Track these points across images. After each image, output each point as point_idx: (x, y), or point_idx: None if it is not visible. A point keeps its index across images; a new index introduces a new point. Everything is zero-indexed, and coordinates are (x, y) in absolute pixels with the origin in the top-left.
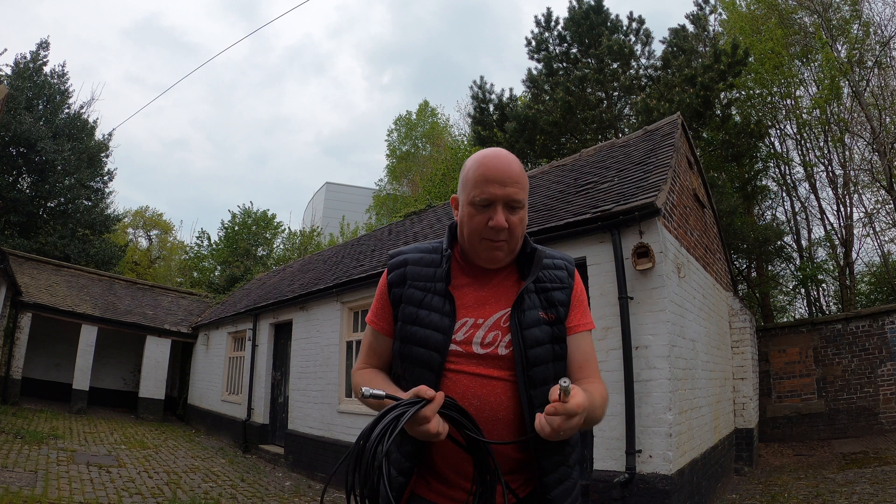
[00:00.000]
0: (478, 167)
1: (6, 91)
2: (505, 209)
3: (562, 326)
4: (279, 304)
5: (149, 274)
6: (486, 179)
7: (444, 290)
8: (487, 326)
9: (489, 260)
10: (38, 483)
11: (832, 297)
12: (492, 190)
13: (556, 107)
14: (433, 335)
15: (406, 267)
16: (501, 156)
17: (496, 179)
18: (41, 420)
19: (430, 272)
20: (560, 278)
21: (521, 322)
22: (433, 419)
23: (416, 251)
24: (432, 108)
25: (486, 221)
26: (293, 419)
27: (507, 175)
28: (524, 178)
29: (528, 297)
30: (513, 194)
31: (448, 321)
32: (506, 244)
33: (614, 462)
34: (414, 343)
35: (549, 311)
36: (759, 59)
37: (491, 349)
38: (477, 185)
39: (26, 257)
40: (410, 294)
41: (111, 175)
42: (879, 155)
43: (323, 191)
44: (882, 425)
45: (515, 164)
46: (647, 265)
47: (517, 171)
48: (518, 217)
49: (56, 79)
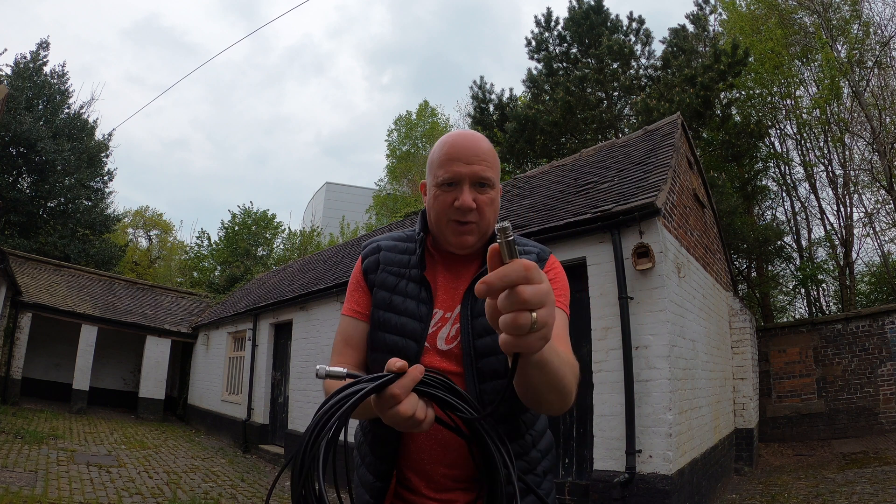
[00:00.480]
0: (442, 147)
1: (6, 91)
2: (472, 188)
3: None
4: (279, 304)
5: (149, 274)
6: (450, 158)
7: (419, 276)
8: (453, 320)
9: (458, 245)
10: (38, 483)
11: (832, 297)
12: (456, 168)
13: (556, 107)
14: (409, 323)
15: (379, 253)
16: (467, 134)
17: (461, 157)
18: (41, 420)
19: (404, 258)
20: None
21: (472, 310)
22: (406, 399)
23: (389, 238)
24: (432, 108)
25: (452, 202)
26: (293, 419)
27: (472, 152)
28: (493, 156)
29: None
30: (479, 172)
31: (425, 309)
32: (475, 226)
33: (614, 462)
34: (387, 331)
35: None
36: (759, 59)
37: (453, 344)
38: (442, 165)
39: (26, 257)
40: (384, 279)
41: (111, 175)
42: (879, 155)
43: (323, 191)
44: (882, 425)
45: (483, 142)
46: (647, 265)
47: (484, 148)
48: (488, 197)
49: (56, 79)
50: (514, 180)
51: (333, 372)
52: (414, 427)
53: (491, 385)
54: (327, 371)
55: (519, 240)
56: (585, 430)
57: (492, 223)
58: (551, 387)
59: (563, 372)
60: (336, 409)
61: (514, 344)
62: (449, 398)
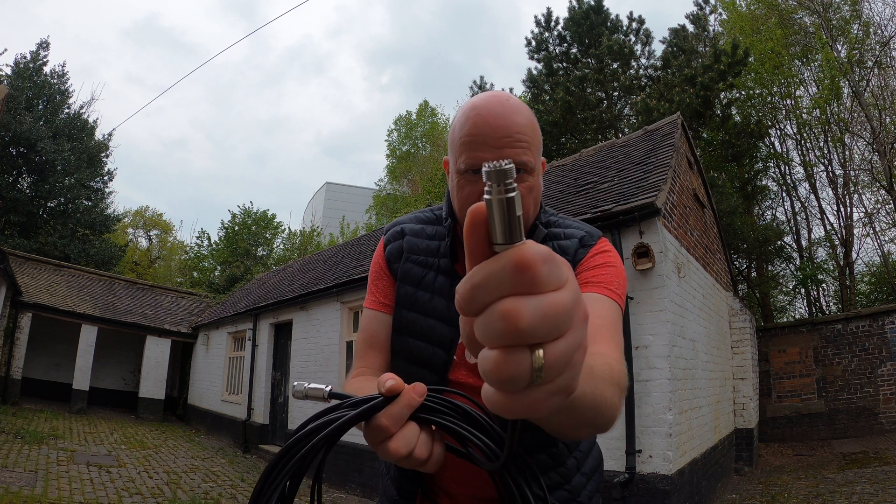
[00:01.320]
0: (465, 122)
1: (6, 91)
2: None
3: None
4: (279, 304)
5: (149, 274)
6: (474, 140)
7: (450, 267)
8: None
9: None
10: (38, 483)
11: (832, 297)
12: (483, 155)
13: (557, 107)
14: (437, 326)
15: (403, 238)
16: (495, 105)
17: (487, 141)
18: (41, 420)
19: (432, 245)
20: (564, 249)
21: None
22: (399, 432)
23: (414, 220)
24: (432, 108)
25: (480, 194)
26: (293, 419)
27: (502, 132)
28: (529, 132)
29: None
30: (512, 157)
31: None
32: None
33: (614, 462)
34: (411, 334)
35: None
36: (759, 59)
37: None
38: (464, 148)
39: (26, 257)
40: (408, 269)
41: (111, 175)
42: (879, 155)
43: (323, 191)
44: (882, 425)
45: (517, 115)
46: (647, 265)
47: (518, 123)
48: (526, 185)
49: (56, 79)
50: None
51: (313, 391)
52: (415, 467)
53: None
54: (306, 390)
55: (567, 220)
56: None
57: (531, 213)
58: (585, 422)
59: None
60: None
61: (504, 406)
62: (464, 430)
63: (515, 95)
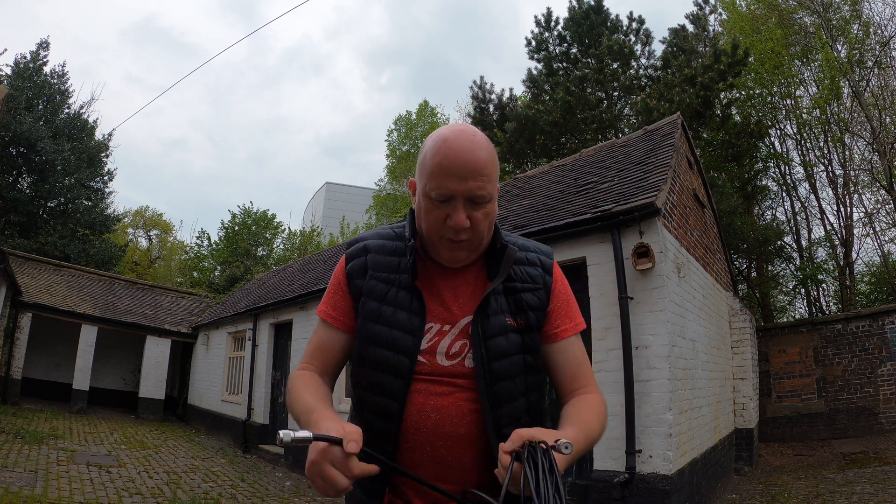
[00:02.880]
0: (435, 154)
1: (6, 91)
2: (467, 205)
3: (534, 335)
4: (279, 304)
5: (149, 274)
6: (443, 171)
7: (411, 283)
8: (454, 334)
9: (450, 260)
10: (38, 483)
11: (832, 297)
12: (450, 185)
13: (556, 107)
14: (401, 336)
15: (367, 255)
16: (463, 142)
17: (455, 172)
18: (41, 420)
19: (393, 262)
20: (532, 276)
21: (484, 330)
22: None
23: (377, 237)
24: (432, 108)
25: (445, 219)
26: (293, 420)
27: (468, 167)
28: (490, 167)
29: (493, 299)
30: (475, 190)
31: (417, 321)
32: (469, 243)
33: (614, 462)
34: (378, 345)
35: (518, 316)
36: (759, 59)
37: (457, 360)
38: (433, 177)
39: (26, 257)
40: (372, 286)
41: (111, 175)
42: (879, 155)
43: (323, 191)
44: (882, 425)
45: (481, 151)
46: (647, 265)
47: (482, 159)
48: (483, 212)
49: (56, 79)
50: (514, 180)
51: (300, 438)
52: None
53: (507, 409)
54: (293, 438)
55: (518, 241)
56: None
57: (486, 235)
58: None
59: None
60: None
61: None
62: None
63: (515, 96)
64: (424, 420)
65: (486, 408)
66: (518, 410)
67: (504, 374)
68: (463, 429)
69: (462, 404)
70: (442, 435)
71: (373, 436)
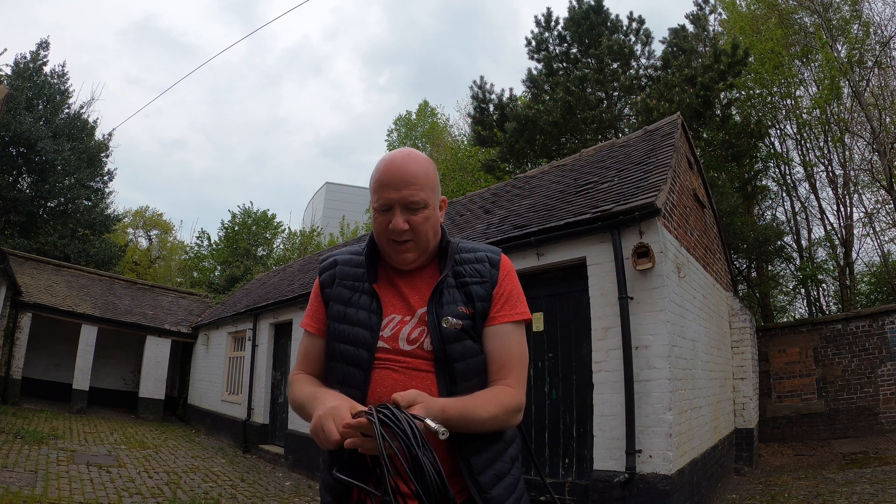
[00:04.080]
0: (375, 173)
1: (6, 91)
2: (404, 211)
3: (479, 322)
4: (279, 304)
5: (149, 274)
6: (382, 184)
7: (370, 288)
8: (413, 323)
9: (399, 262)
10: (38, 483)
11: (832, 297)
12: (387, 195)
13: (556, 107)
14: (361, 332)
15: (336, 267)
16: (397, 159)
17: (390, 184)
18: (41, 420)
19: (358, 272)
20: (479, 271)
21: (438, 317)
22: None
23: (346, 253)
24: (432, 108)
25: (388, 224)
26: (293, 419)
27: (401, 178)
28: (424, 177)
29: (447, 291)
30: (408, 197)
31: (375, 318)
32: (412, 244)
33: (614, 462)
34: (342, 341)
35: (469, 305)
36: (759, 59)
37: (417, 345)
38: (375, 191)
39: (26, 257)
40: (339, 293)
41: (111, 175)
42: (879, 155)
43: (323, 191)
44: (882, 425)
45: (413, 165)
46: (647, 265)
47: (413, 171)
48: (422, 216)
49: (56, 79)
50: (514, 180)
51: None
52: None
53: (462, 386)
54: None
55: (467, 245)
56: (585, 430)
57: (430, 238)
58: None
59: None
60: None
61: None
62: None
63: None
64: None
65: (444, 385)
66: (471, 389)
67: (457, 355)
68: None
69: (429, 383)
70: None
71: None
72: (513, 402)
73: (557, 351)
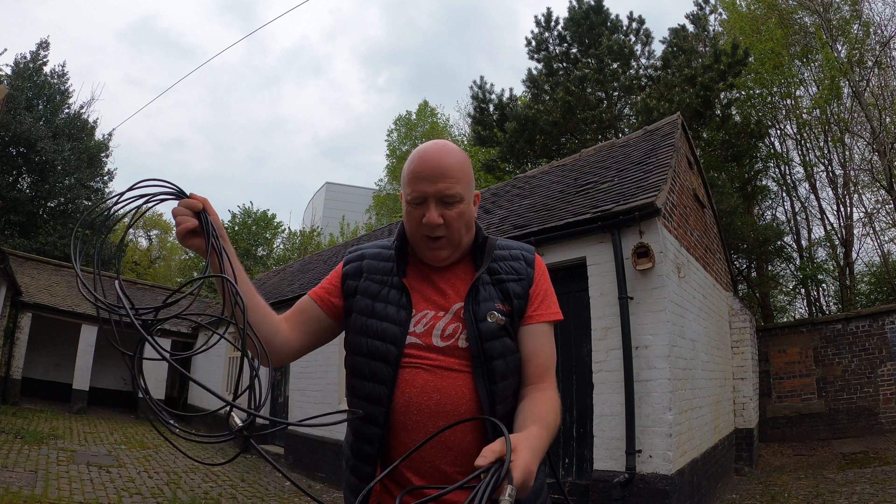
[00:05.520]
0: (410, 163)
1: (6, 91)
2: (439, 205)
3: (516, 321)
4: (279, 304)
5: (149, 274)
6: (416, 177)
7: (400, 282)
8: (448, 319)
9: (432, 259)
10: (38, 483)
11: (832, 297)
12: (422, 188)
13: (556, 107)
14: (389, 327)
15: (363, 261)
16: (432, 150)
17: (426, 176)
18: (41, 420)
19: (387, 266)
20: (516, 269)
21: (475, 314)
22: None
23: (374, 247)
24: (432, 108)
25: (421, 218)
26: (293, 419)
27: (437, 170)
28: (460, 171)
29: (483, 288)
30: (444, 189)
31: (405, 313)
32: (445, 240)
33: (614, 462)
34: (370, 336)
35: (505, 302)
36: (759, 59)
37: (451, 341)
38: (409, 183)
39: (26, 257)
40: (366, 287)
41: (111, 175)
42: (879, 155)
43: (323, 191)
44: (882, 425)
45: (449, 157)
46: (647, 265)
47: (450, 164)
48: (456, 211)
49: (56, 79)
50: (514, 180)
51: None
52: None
53: (501, 385)
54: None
55: (502, 242)
56: (585, 430)
57: (463, 234)
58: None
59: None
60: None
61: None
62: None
63: (516, 97)
64: (426, 400)
65: (483, 384)
66: (508, 389)
67: (496, 353)
68: (463, 407)
69: (461, 384)
70: (443, 414)
71: (362, 421)
72: (559, 406)
73: (558, 351)
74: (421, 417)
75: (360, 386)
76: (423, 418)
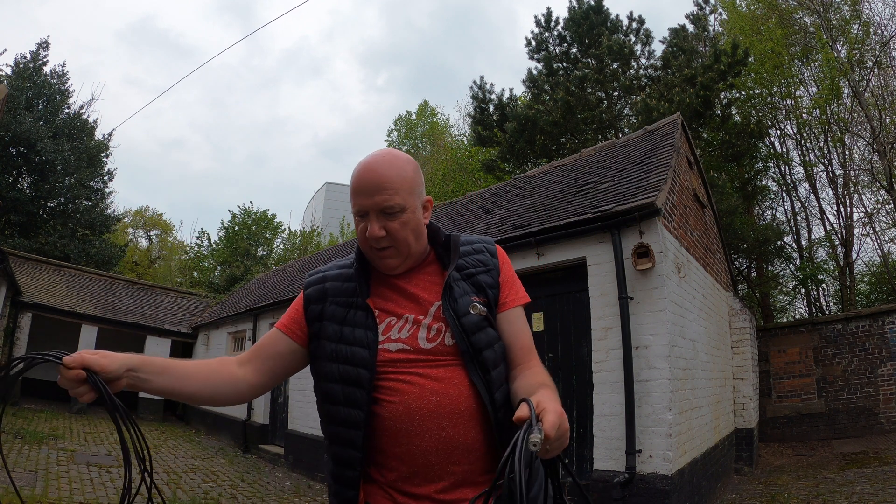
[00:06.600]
0: (351, 179)
1: (6, 91)
2: (380, 217)
3: (493, 310)
4: (279, 304)
5: (149, 274)
6: (355, 191)
7: (363, 303)
8: (429, 320)
9: (383, 268)
10: (38, 483)
11: (832, 297)
12: (360, 202)
13: (556, 107)
14: (359, 351)
15: (325, 283)
16: (370, 164)
17: (363, 190)
18: (41, 420)
19: (351, 286)
20: (483, 261)
21: (455, 310)
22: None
23: (335, 267)
24: (432, 108)
25: (365, 231)
26: (293, 419)
27: (373, 184)
28: (399, 181)
29: (455, 284)
30: (382, 202)
31: (371, 335)
32: (392, 250)
33: (614, 462)
34: (340, 361)
35: (480, 294)
36: (759, 59)
37: (438, 341)
38: (352, 197)
39: (26, 257)
40: (332, 311)
41: (111, 175)
42: (879, 155)
43: (323, 191)
44: (882, 425)
45: (387, 168)
46: (647, 265)
47: (388, 176)
48: (399, 222)
49: (56, 79)
50: (514, 180)
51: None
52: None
53: (494, 374)
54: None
55: (464, 238)
56: (585, 430)
57: (412, 242)
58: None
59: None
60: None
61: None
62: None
63: (515, 97)
64: (426, 403)
65: (477, 376)
66: (501, 376)
67: (483, 343)
68: (463, 403)
69: (457, 381)
70: (446, 414)
71: (340, 446)
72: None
73: (557, 351)
74: (424, 421)
75: (334, 412)
76: (426, 421)
